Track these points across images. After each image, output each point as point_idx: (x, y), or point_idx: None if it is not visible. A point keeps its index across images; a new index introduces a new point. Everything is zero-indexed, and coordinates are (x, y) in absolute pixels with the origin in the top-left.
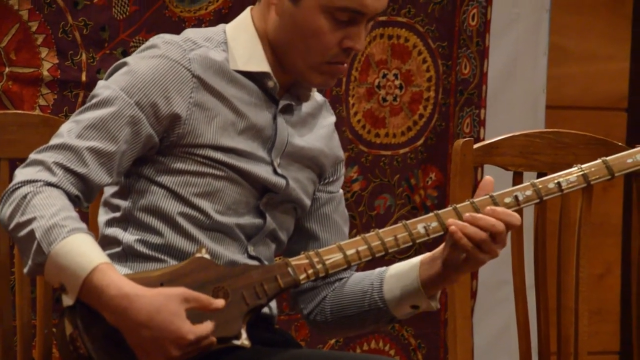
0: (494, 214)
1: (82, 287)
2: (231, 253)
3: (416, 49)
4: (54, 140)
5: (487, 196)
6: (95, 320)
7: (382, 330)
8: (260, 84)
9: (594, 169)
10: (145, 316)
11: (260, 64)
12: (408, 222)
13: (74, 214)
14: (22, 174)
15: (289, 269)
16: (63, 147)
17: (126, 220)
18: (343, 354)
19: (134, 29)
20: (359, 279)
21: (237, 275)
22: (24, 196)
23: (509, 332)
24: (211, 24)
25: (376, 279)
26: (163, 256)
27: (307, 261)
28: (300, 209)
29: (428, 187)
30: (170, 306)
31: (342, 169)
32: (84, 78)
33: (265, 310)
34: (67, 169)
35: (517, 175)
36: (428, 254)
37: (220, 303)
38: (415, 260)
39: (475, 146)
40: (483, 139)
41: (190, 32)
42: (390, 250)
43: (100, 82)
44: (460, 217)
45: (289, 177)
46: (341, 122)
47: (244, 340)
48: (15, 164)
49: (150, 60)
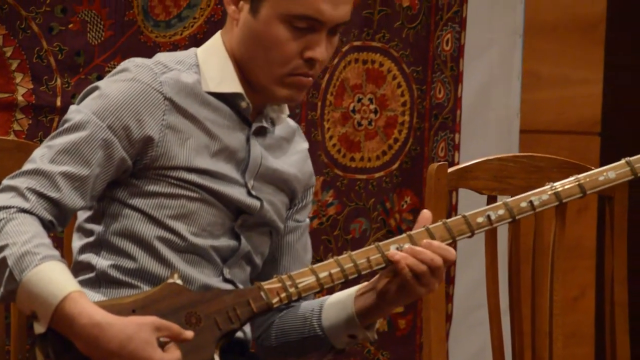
0: (431, 247)
1: (54, 315)
2: (206, 276)
3: (391, 74)
4: (27, 166)
5: (460, 216)
6: (66, 349)
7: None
8: (233, 106)
9: (567, 187)
10: (116, 345)
11: (232, 85)
12: (380, 243)
13: (47, 240)
14: None
15: (262, 293)
16: (36, 173)
17: (99, 245)
18: None
19: (109, 54)
20: (304, 305)
21: (209, 300)
22: None
23: (484, 356)
24: (186, 49)
25: (317, 306)
26: (136, 281)
27: (279, 285)
28: (275, 232)
29: (403, 210)
30: (142, 335)
31: (311, 195)
32: (58, 103)
33: (240, 334)
34: (40, 195)
35: (491, 199)
36: (365, 283)
37: (190, 334)
38: (352, 290)
39: (450, 170)
40: (457, 163)
41: (162, 56)
42: (363, 272)
43: (72, 107)
44: (433, 237)
45: (263, 199)
46: (317, 146)
47: None
48: None
49: (121, 84)
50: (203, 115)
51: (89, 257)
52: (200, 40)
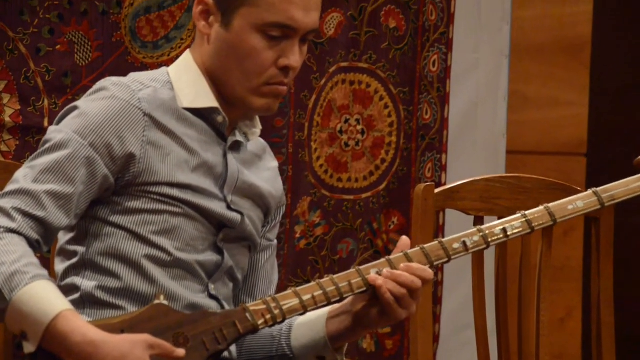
0: (410, 270)
1: (45, 333)
2: (192, 292)
3: (378, 95)
4: (10, 187)
5: (437, 242)
6: None
7: None
8: (209, 121)
9: (537, 215)
10: None
11: (207, 100)
12: (361, 267)
13: (35, 260)
14: None
15: (247, 315)
16: (20, 192)
17: (83, 266)
18: None
19: (97, 75)
20: None
21: (196, 321)
22: None
23: None
24: None
25: (286, 325)
26: (121, 302)
27: (264, 307)
28: (253, 248)
29: (390, 231)
30: (136, 352)
31: (281, 214)
32: (46, 124)
33: (226, 354)
34: (26, 214)
35: (477, 220)
36: (336, 306)
37: (181, 352)
38: (323, 312)
39: (437, 191)
40: (444, 184)
41: (136, 75)
42: (345, 295)
43: (52, 127)
44: (412, 261)
45: (243, 212)
46: (304, 166)
47: None
48: None
49: (101, 102)
50: (181, 130)
51: (73, 279)
52: None
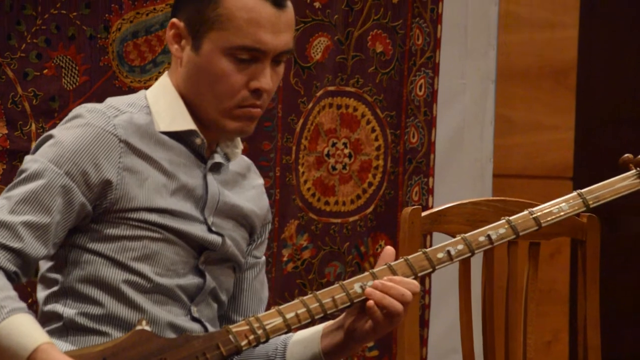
0: (394, 282)
1: None
2: (174, 316)
3: (365, 118)
4: None
5: (421, 252)
6: None
7: None
8: (188, 144)
9: (521, 220)
10: None
11: (185, 122)
12: (345, 282)
13: (13, 293)
14: None
15: (230, 336)
16: None
17: (65, 294)
18: None
19: (84, 99)
20: (267, 343)
21: (179, 346)
22: None
23: None
24: None
25: (280, 344)
26: (104, 327)
27: (247, 327)
28: (238, 268)
29: (378, 254)
30: None
31: (268, 231)
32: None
33: None
34: (2, 246)
35: None
36: (331, 322)
37: None
38: (318, 328)
39: (424, 214)
40: (431, 207)
41: (113, 100)
42: (329, 312)
43: (28, 157)
44: (396, 274)
45: (224, 234)
46: (291, 190)
47: None
48: None
49: (75, 130)
50: (158, 155)
51: (55, 306)
52: None
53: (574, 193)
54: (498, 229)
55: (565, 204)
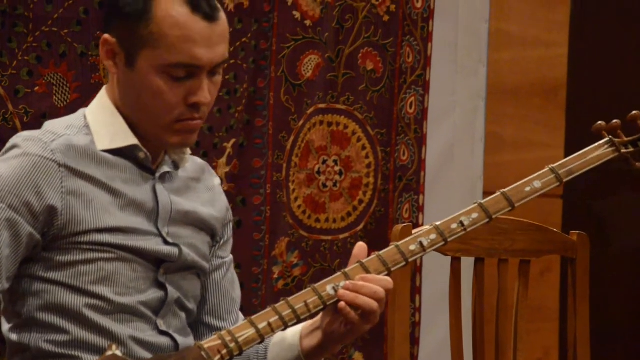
0: (367, 280)
1: None
2: (141, 332)
3: (355, 136)
4: None
5: (393, 246)
6: None
7: None
8: (132, 158)
9: (493, 201)
10: None
11: (125, 138)
12: (317, 284)
13: None
14: None
15: (203, 353)
16: None
17: (28, 325)
18: None
19: None
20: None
21: None
22: None
23: None
24: None
25: (262, 346)
26: (74, 352)
27: (219, 342)
28: (202, 273)
29: None
30: None
31: (230, 230)
32: None
33: None
34: None
35: (455, 261)
36: (309, 322)
37: None
38: (297, 329)
39: (414, 231)
40: (422, 224)
41: (50, 124)
42: (302, 317)
43: None
44: (368, 271)
45: (182, 243)
46: (282, 207)
47: None
48: None
49: (13, 161)
50: (102, 174)
51: (20, 337)
52: None
53: (546, 169)
54: (470, 214)
55: (538, 182)
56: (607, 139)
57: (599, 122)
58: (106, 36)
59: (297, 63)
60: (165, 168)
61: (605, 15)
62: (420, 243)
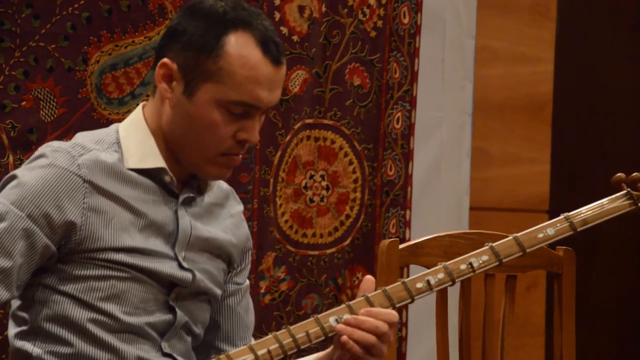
0: (371, 314)
1: None
2: (145, 352)
3: (342, 151)
4: None
5: (400, 282)
6: None
7: None
8: (157, 180)
9: (505, 245)
10: None
11: (154, 160)
12: (319, 315)
13: None
14: None
15: None
16: None
17: (34, 333)
18: None
19: (62, 131)
20: None
21: None
22: None
23: None
24: None
25: None
26: None
27: None
28: (214, 300)
29: (355, 286)
30: None
31: (250, 257)
32: None
33: None
34: None
35: None
36: (322, 353)
37: None
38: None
39: (401, 246)
40: (408, 240)
41: (80, 137)
42: (302, 347)
43: None
44: (373, 306)
45: (196, 269)
46: (269, 222)
47: None
48: None
49: (38, 171)
50: (125, 193)
51: (24, 345)
52: None
53: (561, 216)
54: (481, 256)
55: (552, 229)
56: (625, 191)
57: (619, 174)
58: (167, 60)
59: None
60: (190, 193)
61: (590, 32)
62: (428, 281)
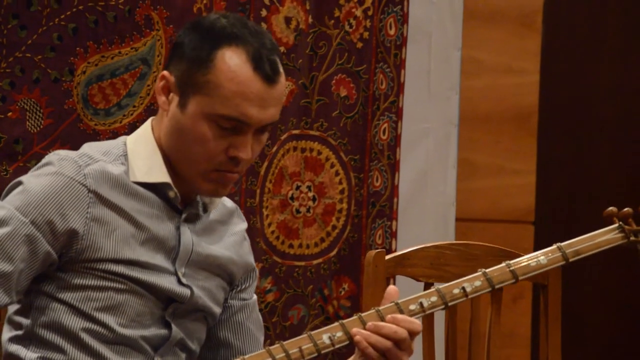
0: (395, 321)
1: None
2: None
3: (329, 162)
4: None
5: (392, 304)
6: None
7: None
8: (162, 195)
9: (498, 273)
10: None
11: (159, 174)
12: (313, 332)
13: None
14: None
15: None
16: None
17: (28, 339)
18: None
19: (48, 142)
20: None
21: None
22: None
23: None
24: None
25: None
26: None
27: None
28: (211, 318)
29: (341, 297)
30: None
31: (255, 276)
32: None
33: None
34: None
35: (428, 286)
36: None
37: None
38: None
39: (387, 257)
40: (395, 250)
41: (88, 147)
42: None
43: None
44: (365, 324)
45: (195, 286)
46: (255, 233)
47: None
48: None
49: (44, 178)
50: (129, 205)
51: (18, 350)
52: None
53: (554, 246)
54: (473, 282)
55: (544, 257)
56: (617, 224)
57: (611, 208)
58: (165, 72)
59: None
60: (193, 209)
61: (575, 43)
62: (421, 304)
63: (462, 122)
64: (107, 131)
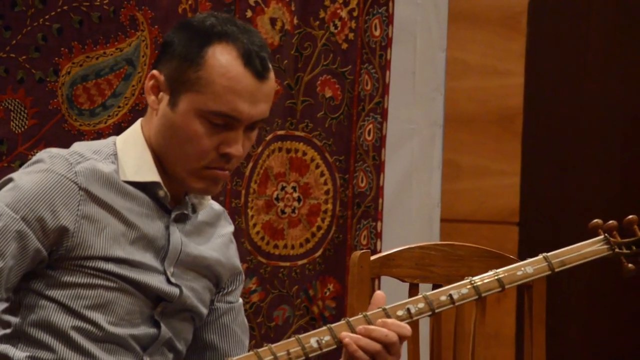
0: (385, 325)
1: None
2: None
3: (314, 163)
4: None
5: (380, 309)
6: None
7: None
8: (152, 194)
9: (486, 281)
10: None
11: (149, 174)
12: (301, 336)
13: None
14: None
15: None
16: None
17: (17, 337)
18: None
19: (33, 142)
20: None
21: None
22: None
23: None
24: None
25: None
26: None
27: None
28: (198, 318)
29: (326, 298)
30: None
31: (241, 279)
32: None
33: None
34: None
35: (413, 287)
36: None
37: None
38: None
39: (372, 258)
40: (380, 251)
41: (78, 146)
42: None
43: None
44: (353, 330)
45: (183, 285)
46: (240, 233)
47: None
48: None
49: (35, 175)
50: (120, 204)
51: (6, 349)
52: (125, 128)
53: (540, 256)
54: (460, 289)
55: (530, 267)
56: (602, 236)
57: (596, 220)
58: (155, 72)
59: None
60: (182, 209)
61: (560, 45)
62: (408, 310)
63: (447, 123)
64: (91, 132)
